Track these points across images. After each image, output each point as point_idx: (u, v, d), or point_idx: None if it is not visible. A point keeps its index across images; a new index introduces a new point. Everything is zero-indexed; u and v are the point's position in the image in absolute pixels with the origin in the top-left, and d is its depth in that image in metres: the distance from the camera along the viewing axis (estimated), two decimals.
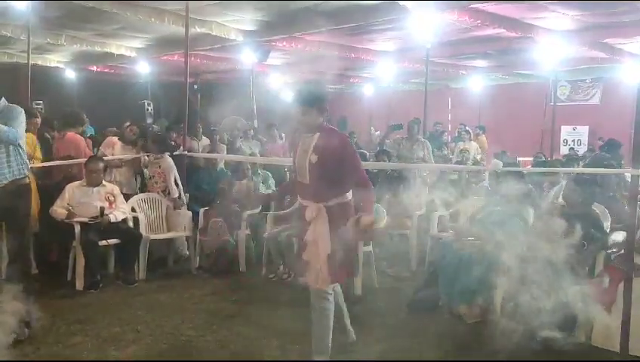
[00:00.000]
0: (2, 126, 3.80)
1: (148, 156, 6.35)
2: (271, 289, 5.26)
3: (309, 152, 3.29)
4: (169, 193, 6.11)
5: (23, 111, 4.02)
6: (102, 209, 5.27)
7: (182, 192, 6.24)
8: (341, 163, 3.24)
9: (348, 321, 3.79)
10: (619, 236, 4.16)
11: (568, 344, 3.82)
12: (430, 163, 7.80)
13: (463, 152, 9.99)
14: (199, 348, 3.86)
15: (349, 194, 3.37)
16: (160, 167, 6.19)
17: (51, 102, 10.74)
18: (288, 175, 7.22)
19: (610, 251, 4.06)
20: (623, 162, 7.45)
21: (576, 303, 3.86)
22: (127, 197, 5.88)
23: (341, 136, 3.42)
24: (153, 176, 6.22)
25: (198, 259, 5.92)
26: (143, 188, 6.56)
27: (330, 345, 3.40)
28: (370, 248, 5.30)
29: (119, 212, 5.43)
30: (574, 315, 3.88)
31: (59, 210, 5.25)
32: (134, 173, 6.56)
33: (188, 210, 6.12)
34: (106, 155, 6.19)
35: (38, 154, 5.74)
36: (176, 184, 6.20)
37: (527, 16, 8.40)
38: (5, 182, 3.88)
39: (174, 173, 6.20)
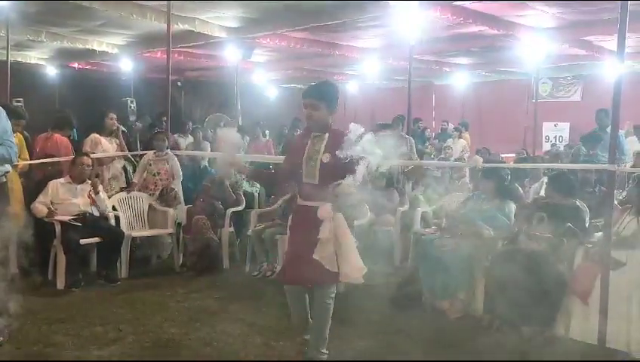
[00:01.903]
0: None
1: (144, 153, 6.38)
2: (254, 286, 5.26)
3: (321, 152, 3.27)
4: (165, 190, 6.10)
5: (1, 109, 3.93)
6: (94, 183, 5.37)
7: (179, 190, 6.26)
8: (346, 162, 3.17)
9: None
10: (597, 231, 4.23)
11: (547, 337, 3.89)
12: (414, 160, 7.83)
13: (446, 149, 10.06)
14: (182, 346, 3.85)
15: None
16: (167, 163, 6.21)
17: (32, 100, 10.58)
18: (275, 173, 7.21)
19: (588, 245, 4.12)
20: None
21: (555, 297, 3.93)
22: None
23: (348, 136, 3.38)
24: (159, 173, 6.22)
25: (181, 256, 5.90)
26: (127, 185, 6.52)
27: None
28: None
29: (106, 201, 5.50)
30: (554, 309, 3.94)
31: (40, 206, 5.19)
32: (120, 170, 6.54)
33: None
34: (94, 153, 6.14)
35: (25, 155, 5.67)
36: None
37: (509, 13, 8.47)
38: None
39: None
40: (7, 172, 4.01)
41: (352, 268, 3.30)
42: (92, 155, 5.89)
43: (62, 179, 5.44)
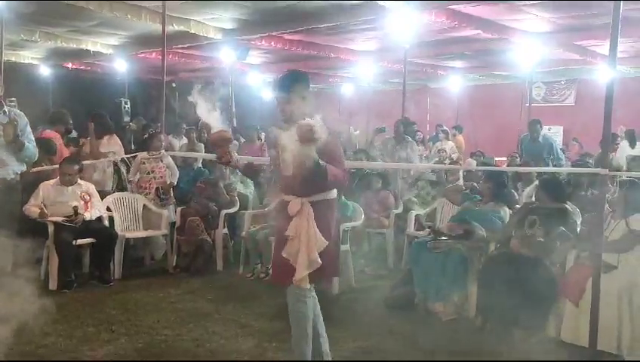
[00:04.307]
0: (29, 146, 4.59)
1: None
2: (248, 288, 5.25)
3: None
4: (162, 191, 6.09)
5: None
6: (75, 208, 5.19)
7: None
8: (323, 155, 3.03)
9: (326, 345, 3.33)
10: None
11: (539, 339, 3.91)
12: (414, 163, 7.84)
13: (441, 152, 10.10)
14: (175, 347, 3.84)
15: (334, 192, 3.27)
16: (162, 161, 6.24)
17: (25, 100, 10.54)
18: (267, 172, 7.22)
19: (580, 248, 4.15)
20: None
21: (547, 299, 3.96)
22: (103, 195, 5.83)
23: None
24: (152, 172, 6.21)
25: (175, 258, 5.89)
26: (120, 185, 6.50)
27: (308, 350, 3.21)
28: (347, 247, 5.33)
29: (94, 210, 5.37)
30: (545, 311, 3.97)
31: (32, 208, 5.16)
32: (112, 171, 6.51)
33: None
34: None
35: None
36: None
37: (503, 18, 8.53)
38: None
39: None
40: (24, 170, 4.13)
41: (308, 262, 3.09)
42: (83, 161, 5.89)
43: (52, 181, 5.41)
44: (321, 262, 3.11)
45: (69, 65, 13.93)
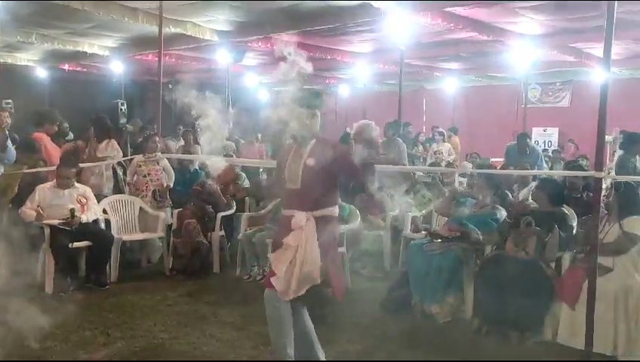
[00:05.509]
0: (11, 147, 4.63)
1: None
2: (245, 290, 5.25)
3: (305, 156, 3.17)
4: (158, 193, 6.08)
5: None
6: (72, 211, 5.18)
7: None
8: (338, 170, 3.13)
9: (322, 355, 3.34)
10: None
11: (535, 341, 3.93)
12: (403, 164, 7.85)
13: (437, 154, 10.13)
14: (172, 350, 3.85)
15: (336, 210, 3.25)
16: (158, 164, 6.22)
17: (21, 102, 10.51)
18: (264, 176, 7.24)
19: (575, 251, 4.17)
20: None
21: (543, 302, 3.97)
22: (101, 198, 5.82)
23: (338, 143, 3.29)
24: (149, 174, 6.21)
25: (171, 260, 5.88)
26: (117, 188, 6.49)
27: (292, 353, 3.18)
28: (343, 249, 5.34)
29: (91, 213, 5.36)
30: (541, 314, 3.98)
31: (28, 211, 5.15)
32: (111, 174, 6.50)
33: None
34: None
35: None
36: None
37: (499, 20, 8.56)
38: None
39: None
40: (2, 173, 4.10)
41: (301, 276, 3.08)
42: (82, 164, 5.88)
43: (49, 184, 5.40)
44: (319, 281, 3.10)
45: (66, 67, 13.90)
